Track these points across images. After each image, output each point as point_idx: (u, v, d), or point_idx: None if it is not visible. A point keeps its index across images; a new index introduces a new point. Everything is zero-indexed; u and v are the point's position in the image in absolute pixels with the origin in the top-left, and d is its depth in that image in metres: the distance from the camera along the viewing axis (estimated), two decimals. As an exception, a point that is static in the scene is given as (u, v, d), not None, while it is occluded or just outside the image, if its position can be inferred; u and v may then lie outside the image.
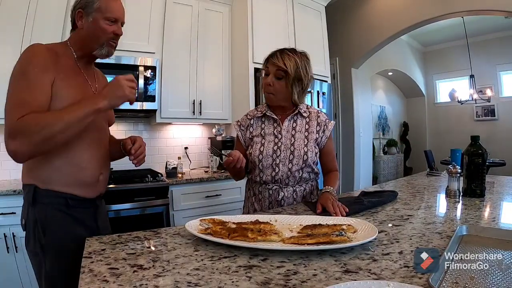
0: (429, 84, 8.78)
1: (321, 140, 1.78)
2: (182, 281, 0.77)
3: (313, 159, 1.73)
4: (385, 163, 7.87)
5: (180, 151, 3.99)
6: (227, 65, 3.93)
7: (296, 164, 1.70)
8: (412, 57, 8.29)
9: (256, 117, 1.82)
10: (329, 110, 4.32)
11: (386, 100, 8.47)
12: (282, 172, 1.70)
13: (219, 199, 3.34)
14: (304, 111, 1.79)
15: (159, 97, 3.39)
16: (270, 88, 1.69)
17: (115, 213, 2.75)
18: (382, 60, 6.83)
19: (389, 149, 8.22)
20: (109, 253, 0.97)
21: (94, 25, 1.34)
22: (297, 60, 1.67)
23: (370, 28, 5.23)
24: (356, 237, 1.01)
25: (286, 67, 1.64)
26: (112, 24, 1.36)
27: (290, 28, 3.97)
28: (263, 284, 0.75)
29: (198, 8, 3.72)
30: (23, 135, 1.12)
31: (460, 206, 1.53)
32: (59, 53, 1.32)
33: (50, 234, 1.27)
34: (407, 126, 9.07)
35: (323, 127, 1.78)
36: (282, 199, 1.72)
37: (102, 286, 0.75)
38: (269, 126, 1.78)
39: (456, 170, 1.64)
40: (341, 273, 0.80)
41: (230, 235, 1.02)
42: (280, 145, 1.72)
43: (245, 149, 1.81)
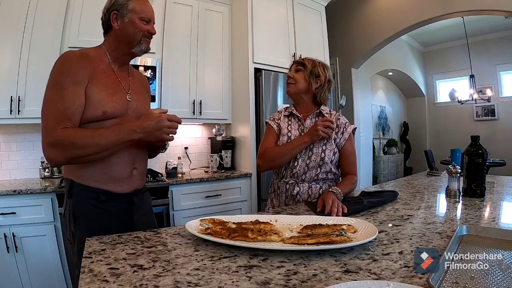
0: (429, 84, 8.79)
1: (340, 141, 1.85)
2: (182, 281, 0.77)
3: (331, 158, 1.82)
4: (385, 163, 7.87)
5: (180, 151, 3.99)
6: (227, 65, 3.93)
7: (314, 161, 1.80)
8: (412, 57, 8.29)
9: (283, 115, 1.97)
10: (329, 110, 4.31)
11: (386, 100, 8.47)
12: (299, 167, 1.81)
13: (219, 199, 3.35)
14: (326, 112, 1.90)
15: (159, 97, 3.40)
16: (291, 79, 1.88)
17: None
18: (382, 60, 6.83)
19: (389, 149, 8.22)
20: (109, 253, 0.97)
21: (131, 25, 1.43)
22: (315, 60, 1.90)
23: (370, 28, 5.23)
24: (356, 237, 1.01)
25: (303, 61, 1.89)
26: (146, 24, 1.46)
27: (290, 28, 3.97)
28: (263, 284, 0.75)
29: (198, 8, 3.72)
30: (62, 148, 1.24)
31: (460, 206, 1.53)
32: (93, 57, 1.40)
33: (80, 226, 1.37)
34: (407, 126, 9.08)
35: (342, 129, 1.86)
36: (297, 194, 1.80)
37: (102, 286, 0.75)
38: (294, 124, 1.93)
39: (456, 170, 1.64)
40: (341, 273, 0.80)
41: (230, 235, 1.02)
42: None
43: (277, 134, 1.93)
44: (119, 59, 1.50)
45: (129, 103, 1.47)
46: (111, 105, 1.38)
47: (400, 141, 8.96)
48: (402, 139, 9.04)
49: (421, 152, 7.64)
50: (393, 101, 8.78)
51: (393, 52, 7.09)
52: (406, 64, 7.98)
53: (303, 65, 1.87)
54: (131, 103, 1.48)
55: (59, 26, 2.88)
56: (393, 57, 7.33)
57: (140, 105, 1.53)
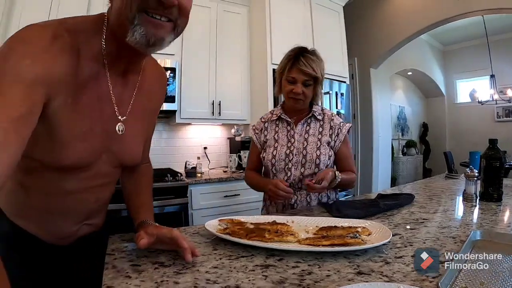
0: (449, 84, 8.61)
1: (335, 144, 1.75)
2: (201, 278, 0.81)
3: (326, 162, 1.70)
4: (404, 164, 7.78)
5: (200, 151, 4.05)
6: (246, 66, 3.98)
7: (309, 168, 1.69)
8: (431, 57, 8.14)
9: (270, 121, 1.84)
10: (347, 111, 4.32)
11: (405, 100, 8.37)
12: (294, 176, 1.70)
13: (237, 198, 3.39)
14: (318, 113, 1.78)
15: (179, 98, 3.47)
16: (301, 96, 1.66)
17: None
18: (401, 59, 6.74)
19: (408, 150, 8.12)
20: (131, 251, 1.01)
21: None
22: (319, 62, 1.67)
23: (388, 28, 5.19)
24: (370, 240, 1.03)
25: (316, 73, 1.64)
26: None
27: (308, 29, 3.98)
28: (278, 283, 0.78)
29: (216, 9, 3.78)
30: None
31: (477, 211, 1.52)
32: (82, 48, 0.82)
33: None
34: (427, 126, 8.93)
35: (337, 130, 1.75)
36: (295, 202, 1.72)
37: (125, 282, 0.80)
38: (283, 129, 1.79)
39: (473, 174, 1.63)
40: (353, 275, 0.82)
41: (247, 235, 1.05)
42: (293, 149, 1.72)
43: (260, 152, 1.82)
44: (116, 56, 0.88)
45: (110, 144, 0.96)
46: (76, 157, 0.87)
47: (419, 142, 8.83)
48: (421, 140, 8.90)
49: (440, 153, 7.51)
50: (412, 101, 8.66)
51: (412, 52, 6.98)
52: (426, 63, 7.85)
53: (314, 79, 1.67)
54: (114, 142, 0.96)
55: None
56: (413, 56, 7.23)
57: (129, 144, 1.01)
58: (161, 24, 0.80)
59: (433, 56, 8.24)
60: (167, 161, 3.88)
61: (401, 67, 7.10)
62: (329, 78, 4.06)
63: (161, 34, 0.81)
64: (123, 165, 1.05)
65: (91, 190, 1.00)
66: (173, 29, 0.84)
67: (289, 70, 1.67)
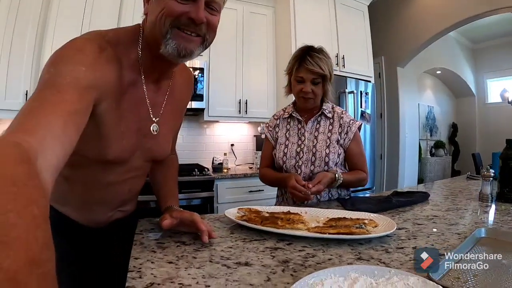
0: (479, 83, 8.31)
1: (344, 142, 1.76)
2: (216, 255, 0.92)
3: (335, 160, 1.73)
4: (432, 165, 7.60)
5: (227, 148, 4.20)
6: (271, 65, 4.09)
7: (318, 166, 1.72)
8: (461, 55, 7.89)
9: (282, 118, 1.88)
10: (373, 110, 4.32)
11: (434, 100, 8.16)
12: (304, 174, 1.73)
13: (261, 194, 3.51)
14: (328, 111, 1.80)
15: (207, 96, 3.62)
16: (310, 94, 1.69)
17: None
18: (430, 58, 6.59)
19: (436, 151, 7.92)
20: (158, 231, 1.15)
21: (157, 4, 0.89)
22: (327, 60, 1.69)
23: (415, 26, 5.10)
24: (375, 231, 1.10)
25: (324, 71, 1.65)
26: (186, 3, 0.87)
27: (333, 29, 4.03)
28: (283, 262, 0.88)
29: (242, 11, 3.92)
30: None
31: (490, 211, 1.53)
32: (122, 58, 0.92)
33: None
34: (456, 127, 8.66)
35: (346, 128, 1.76)
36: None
37: (150, 255, 0.93)
38: (294, 127, 1.83)
39: (489, 174, 1.63)
40: (353, 260, 0.90)
41: (262, 222, 1.16)
42: (303, 147, 1.76)
43: (273, 147, 1.87)
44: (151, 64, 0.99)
45: (143, 141, 1.07)
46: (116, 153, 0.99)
47: (448, 143, 8.59)
48: (450, 141, 8.66)
49: (470, 155, 7.28)
50: (441, 101, 8.43)
51: (441, 50, 6.81)
52: (455, 62, 7.63)
53: (322, 77, 1.68)
54: (147, 141, 1.08)
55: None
56: (441, 55, 7.05)
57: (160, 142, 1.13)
58: (191, 38, 0.91)
59: (463, 54, 7.98)
60: (195, 157, 4.05)
61: (429, 65, 6.95)
62: (354, 77, 4.09)
63: (191, 47, 0.92)
64: (154, 159, 1.17)
65: (125, 181, 1.12)
66: (202, 43, 0.95)
67: (297, 70, 1.70)
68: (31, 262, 0.38)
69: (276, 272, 0.81)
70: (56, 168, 0.63)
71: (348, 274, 0.73)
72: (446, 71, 7.56)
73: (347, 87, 3.91)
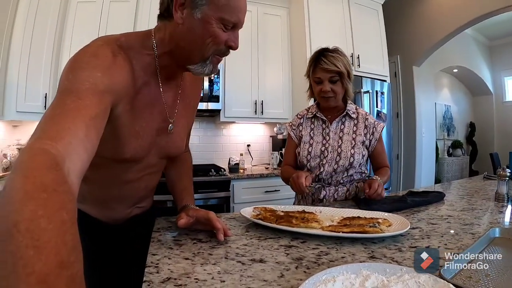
0: (497, 81, 8.05)
1: (370, 143, 1.82)
2: (231, 252, 0.96)
3: (359, 161, 1.78)
4: (449, 165, 7.43)
5: (243, 148, 4.24)
6: (287, 66, 4.10)
7: (342, 166, 1.76)
8: (477, 52, 7.68)
9: (306, 118, 1.91)
10: (389, 110, 4.28)
11: (451, 99, 7.98)
12: (326, 172, 1.77)
13: (277, 194, 3.52)
14: (352, 112, 1.84)
15: (223, 97, 3.67)
16: (330, 93, 1.73)
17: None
18: (446, 56, 6.47)
19: (454, 151, 7.75)
20: (175, 229, 1.20)
21: (202, 26, 0.90)
22: (341, 57, 1.72)
23: (430, 24, 5.03)
24: (388, 230, 1.11)
25: (339, 68, 1.68)
26: (228, 31, 0.94)
27: (347, 28, 4.01)
28: (297, 259, 0.90)
29: (257, 12, 3.95)
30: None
31: (506, 211, 1.50)
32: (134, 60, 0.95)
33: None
34: (474, 126, 8.44)
35: (372, 129, 1.81)
36: (324, 197, 1.80)
37: (167, 251, 0.97)
38: (318, 127, 1.86)
39: (505, 174, 1.62)
40: (366, 258, 0.92)
41: (277, 221, 1.18)
42: (328, 146, 1.80)
43: (297, 145, 1.90)
44: (168, 69, 1.03)
45: (158, 139, 1.10)
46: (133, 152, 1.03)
47: (466, 143, 8.38)
48: (468, 141, 8.44)
49: (488, 154, 7.09)
50: (459, 100, 8.24)
51: (457, 48, 6.67)
52: (472, 60, 7.44)
53: (339, 74, 1.70)
54: (161, 138, 1.12)
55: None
56: (458, 53, 6.90)
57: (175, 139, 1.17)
58: (220, 61, 1.01)
59: (479, 52, 7.77)
60: (211, 157, 4.10)
61: (446, 64, 6.81)
62: (370, 77, 4.07)
63: (217, 69, 1.03)
64: (168, 156, 1.21)
65: (142, 179, 1.16)
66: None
67: (313, 71, 1.76)
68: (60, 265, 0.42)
69: (290, 269, 0.84)
70: (82, 171, 0.66)
71: (360, 271, 0.75)
72: (462, 69, 7.37)
73: (362, 87, 3.90)
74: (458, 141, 7.94)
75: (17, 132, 3.46)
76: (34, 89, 3.08)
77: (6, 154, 3.23)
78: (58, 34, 3.25)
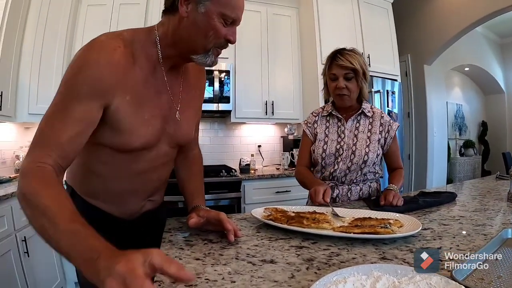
0: (509, 80, 7.90)
1: (386, 142, 1.83)
2: (242, 252, 0.96)
3: (374, 160, 1.79)
4: (461, 165, 7.30)
5: (254, 149, 4.24)
6: (297, 66, 4.10)
7: (356, 164, 1.77)
8: (489, 51, 7.54)
9: (321, 116, 1.92)
10: (400, 109, 4.25)
11: (463, 98, 7.86)
12: (340, 170, 1.79)
13: (288, 194, 3.52)
14: (368, 111, 1.85)
15: (233, 98, 3.68)
16: (344, 90, 1.75)
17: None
18: (457, 55, 6.37)
19: (466, 151, 7.62)
20: (186, 230, 1.21)
21: (206, 20, 0.99)
22: (357, 56, 1.75)
23: (440, 22, 4.97)
24: (400, 231, 1.10)
25: (354, 65, 1.71)
26: (227, 26, 1.04)
27: (357, 28, 4.00)
28: (308, 260, 0.90)
29: (266, 13, 3.96)
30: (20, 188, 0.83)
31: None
32: (136, 53, 1.02)
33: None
34: (486, 125, 8.29)
35: (387, 127, 1.83)
36: (337, 196, 1.81)
37: (179, 252, 0.98)
38: (333, 125, 1.87)
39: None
40: (377, 259, 0.91)
41: (288, 221, 1.19)
42: (343, 144, 1.81)
43: (312, 142, 1.91)
44: (172, 59, 1.10)
45: (167, 127, 1.15)
46: (143, 140, 1.07)
47: (478, 142, 8.22)
48: (480, 140, 8.29)
49: (500, 154, 6.97)
50: (470, 99, 8.11)
51: (468, 46, 6.55)
52: (483, 58, 7.31)
53: (354, 71, 1.73)
54: (170, 126, 1.16)
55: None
56: (469, 51, 6.79)
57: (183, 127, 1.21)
58: (219, 53, 1.09)
59: (491, 50, 7.63)
60: (222, 158, 4.12)
61: (457, 62, 6.71)
62: (380, 76, 4.03)
63: (217, 60, 1.11)
64: (178, 144, 1.25)
65: (154, 169, 1.20)
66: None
67: (329, 68, 1.79)
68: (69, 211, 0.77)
69: (301, 269, 0.84)
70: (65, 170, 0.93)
71: (371, 272, 0.75)
72: (474, 67, 7.25)
73: (373, 87, 3.86)
74: (470, 140, 7.81)
75: (29, 134, 3.53)
76: (45, 91, 3.14)
77: (18, 155, 3.30)
78: (69, 37, 3.32)
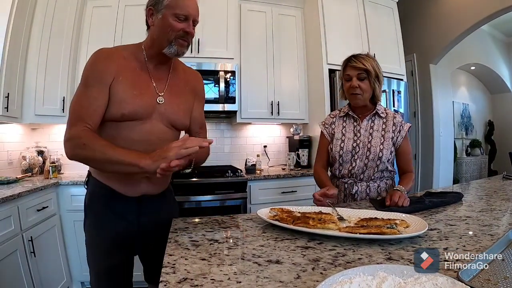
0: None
1: (397, 140, 1.91)
2: (248, 253, 0.97)
3: (388, 157, 1.88)
4: (468, 165, 7.22)
5: (259, 149, 4.24)
6: (302, 67, 4.09)
7: (372, 160, 1.88)
8: (495, 49, 7.44)
9: (338, 117, 2.05)
10: (406, 109, 4.22)
11: (469, 97, 7.78)
12: (358, 167, 1.90)
13: (294, 195, 3.52)
14: (381, 112, 1.96)
15: (239, 99, 3.69)
16: (357, 89, 1.87)
17: (196, 204, 3.12)
18: (463, 54, 6.30)
19: (472, 150, 7.54)
20: (192, 230, 1.23)
21: (163, 22, 1.35)
22: (370, 59, 1.88)
23: (446, 21, 4.93)
24: (406, 231, 1.10)
25: (366, 67, 1.84)
26: (181, 22, 1.35)
27: (363, 27, 3.98)
28: (314, 261, 0.90)
29: (271, 13, 3.96)
30: (74, 146, 1.23)
31: None
32: (125, 55, 1.40)
33: (89, 218, 1.47)
34: (493, 125, 8.20)
35: (399, 127, 1.92)
36: (356, 193, 1.90)
37: (184, 252, 0.99)
38: (350, 125, 1.99)
39: None
40: (383, 260, 0.91)
41: (294, 222, 1.19)
42: (359, 143, 1.92)
43: (329, 142, 2.02)
44: (155, 58, 1.44)
45: (157, 106, 1.41)
46: (131, 107, 1.34)
47: (484, 142, 8.13)
48: (486, 140, 8.19)
49: (507, 153, 6.88)
50: (476, 98, 8.02)
51: (474, 45, 6.48)
52: (489, 57, 7.22)
53: (366, 72, 1.85)
54: (161, 106, 1.42)
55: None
56: (475, 50, 6.71)
57: (172, 108, 1.46)
58: (185, 44, 1.40)
59: (497, 49, 7.51)
60: (228, 159, 4.13)
61: (463, 61, 6.62)
62: (386, 76, 3.95)
63: (183, 50, 1.42)
64: (173, 125, 1.48)
65: (151, 142, 1.36)
66: (187, 46, 1.43)
67: (344, 70, 1.93)
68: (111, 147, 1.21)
69: (306, 270, 0.84)
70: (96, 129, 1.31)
71: (377, 273, 0.74)
72: (480, 66, 7.16)
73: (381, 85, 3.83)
74: (476, 140, 7.71)
75: (36, 135, 3.58)
76: (52, 92, 3.17)
77: (25, 156, 3.33)
78: (75, 38, 3.36)
